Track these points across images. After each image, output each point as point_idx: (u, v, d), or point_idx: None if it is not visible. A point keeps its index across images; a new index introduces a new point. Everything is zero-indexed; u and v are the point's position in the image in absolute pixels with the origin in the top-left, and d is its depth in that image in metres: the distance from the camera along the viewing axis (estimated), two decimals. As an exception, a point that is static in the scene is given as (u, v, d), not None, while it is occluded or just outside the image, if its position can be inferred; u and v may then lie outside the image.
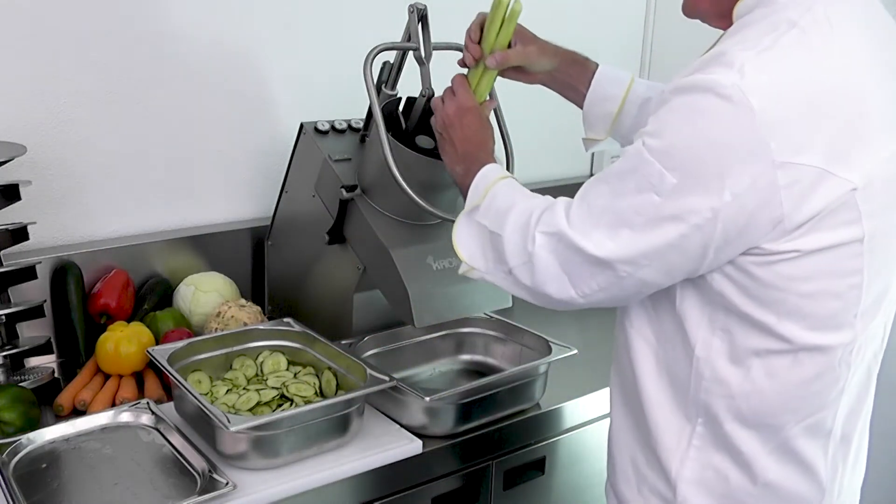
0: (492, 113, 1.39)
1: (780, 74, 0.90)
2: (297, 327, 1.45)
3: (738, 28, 0.97)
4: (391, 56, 1.43)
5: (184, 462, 1.22)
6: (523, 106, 1.54)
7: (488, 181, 1.14)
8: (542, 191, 1.13)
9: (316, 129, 1.54)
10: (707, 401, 1.02)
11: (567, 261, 1.00)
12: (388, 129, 1.31)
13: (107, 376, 1.46)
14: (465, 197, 1.18)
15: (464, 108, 1.25)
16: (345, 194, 1.42)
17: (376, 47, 1.34)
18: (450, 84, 1.29)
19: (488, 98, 1.32)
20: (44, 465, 1.21)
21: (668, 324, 1.04)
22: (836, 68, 0.93)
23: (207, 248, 1.73)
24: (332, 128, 1.55)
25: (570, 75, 1.38)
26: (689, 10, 1.11)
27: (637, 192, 0.94)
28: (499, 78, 1.34)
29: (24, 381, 1.40)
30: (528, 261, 1.03)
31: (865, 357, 1.05)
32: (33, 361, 1.50)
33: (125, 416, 1.33)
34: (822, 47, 0.93)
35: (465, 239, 1.14)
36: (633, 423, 1.11)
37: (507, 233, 1.06)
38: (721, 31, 1.05)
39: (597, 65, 1.38)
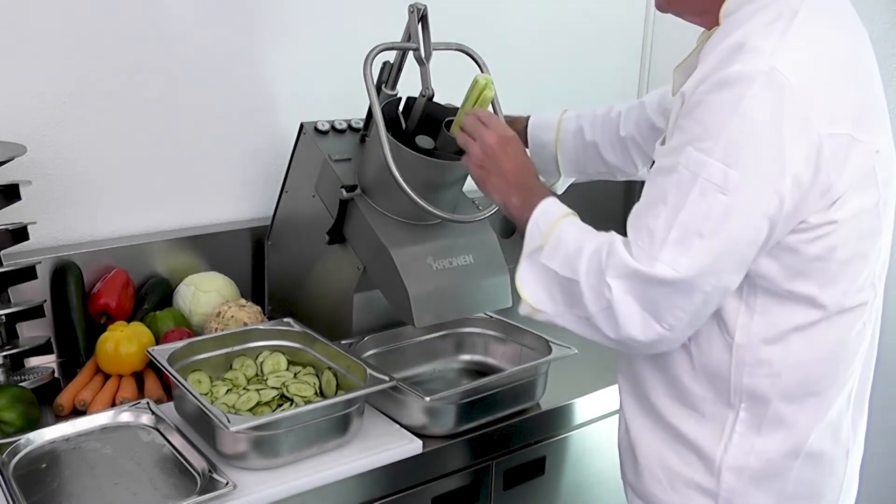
0: (491, 111, 1.40)
1: (807, 51, 0.94)
2: (297, 327, 1.45)
3: (734, 25, 0.99)
4: (391, 56, 1.43)
5: (184, 462, 1.22)
6: (523, 106, 1.54)
7: (550, 219, 1.09)
8: (542, 191, 1.13)
9: (316, 129, 1.54)
10: (751, 384, 1.03)
11: (646, 297, 0.97)
12: (388, 129, 1.31)
13: (107, 376, 1.46)
14: (521, 230, 1.14)
15: (506, 136, 1.20)
16: (345, 194, 1.42)
17: (376, 47, 1.34)
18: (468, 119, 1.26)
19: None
20: (44, 465, 1.21)
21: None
22: (845, 44, 0.99)
23: (207, 248, 1.73)
24: (332, 128, 1.55)
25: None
26: (664, 5, 1.11)
27: (702, 197, 0.93)
28: (498, 76, 1.34)
29: (24, 381, 1.40)
30: (607, 307, 0.99)
31: (873, 316, 1.10)
32: (33, 361, 1.50)
33: (125, 416, 1.33)
34: (829, 27, 0.98)
35: (529, 280, 1.09)
36: (656, 424, 1.11)
37: (583, 278, 1.01)
38: (702, 30, 1.08)
39: (528, 119, 1.44)
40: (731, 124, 0.92)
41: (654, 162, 1.07)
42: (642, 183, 1.55)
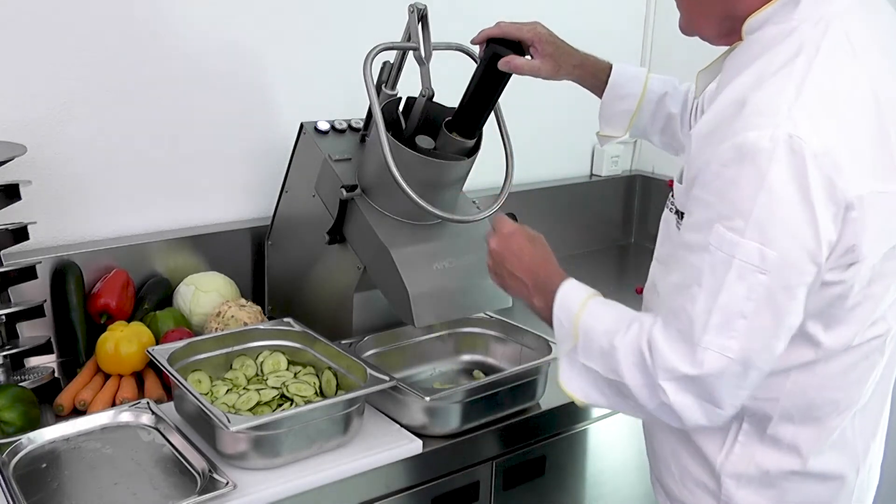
0: (491, 113, 1.40)
1: (824, 110, 0.91)
2: (297, 327, 1.45)
3: (757, 50, 0.97)
4: (391, 56, 1.43)
5: (184, 462, 1.22)
6: (523, 106, 1.54)
7: (572, 315, 1.06)
8: (543, 191, 1.13)
9: (316, 129, 1.54)
10: (752, 405, 1.03)
11: (703, 390, 0.94)
12: (388, 129, 1.31)
13: (107, 376, 1.46)
14: (549, 324, 1.11)
15: (506, 234, 1.19)
16: (345, 194, 1.42)
17: (376, 47, 1.34)
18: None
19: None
20: (44, 465, 1.21)
21: None
22: (868, 89, 0.94)
23: (207, 248, 1.73)
24: (332, 128, 1.55)
25: (585, 84, 1.42)
26: (689, 31, 1.10)
27: (740, 279, 0.90)
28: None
29: (25, 380, 1.40)
30: (662, 404, 0.96)
31: (890, 344, 1.08)
32: (33, 361, 1.50)
33: (125, 416, 1.33)
34: (851, 71, 0.94)
35: (574, 381, 1.06)
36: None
37: (629, 380, 0.98)
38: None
39: (610, 66, 1.40)
40: (758, 201, 0.88)
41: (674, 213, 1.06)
42: (642, 180, 1.55)
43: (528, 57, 1.35)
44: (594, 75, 1.40)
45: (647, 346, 0.97)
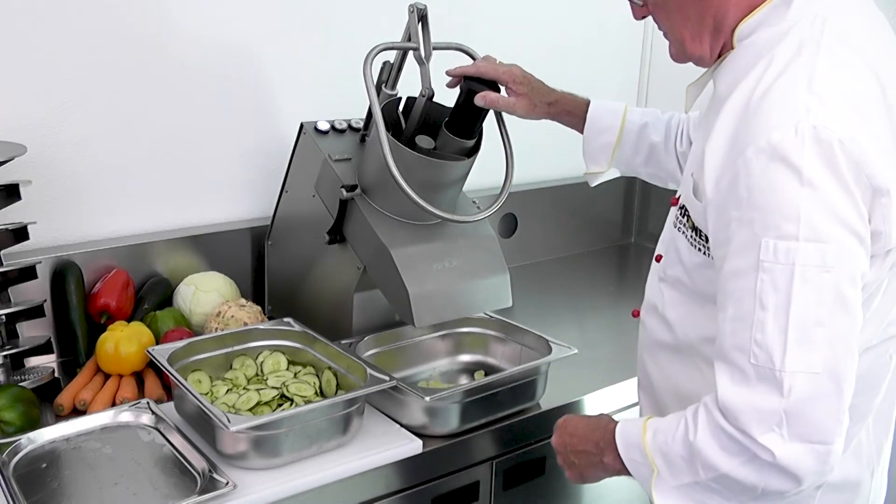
0: (492, 114, 1.40)
1: (839, 101, 0.89)
2: (297, 327, 1.45)
3: (752, 55, 0.95)
4: (391, 56, 1.43)
5: (184, 462, 1.22)
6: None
7: (640, 446, 1.00)
8: (543, 191, 1.12)
9: (316, 129, 1.54)
10: None
11: (806, 429, 0.87)
12: (388, 129, 1.31)
13: (107, 376, 1.46)
14: (628, 474, 1.05)
15: (560, 424, 1.17)
16: (345, 194, 1.42)
17: (376, 47, 1.34)
18: None
19: None
20: (44, 465, 1.21)
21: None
22: (874, 82, 0.93)
23: (207, 248, 1.73)
24: (332, 128, 1.55)
25: (563, 122, 1.43)
26: (682, 56, 1.06)
27: (806, 284, 0.86)
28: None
29: (25, 380, 1.40)
30: (773, 466, 0.88)
31: None
32: (33, 361, 1.50)
33: (125, 416, 1.33)
34: (855, 65, 0.93)
35: None
36: None
37: (726, 467, 0.91)
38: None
39: (588, 102, 1.40)
40: (803, 199, 0.85)
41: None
42: (642, 180, 1.55)
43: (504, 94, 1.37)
44: (570, 112, 1.41)
45: (723, 417, 0.90)
